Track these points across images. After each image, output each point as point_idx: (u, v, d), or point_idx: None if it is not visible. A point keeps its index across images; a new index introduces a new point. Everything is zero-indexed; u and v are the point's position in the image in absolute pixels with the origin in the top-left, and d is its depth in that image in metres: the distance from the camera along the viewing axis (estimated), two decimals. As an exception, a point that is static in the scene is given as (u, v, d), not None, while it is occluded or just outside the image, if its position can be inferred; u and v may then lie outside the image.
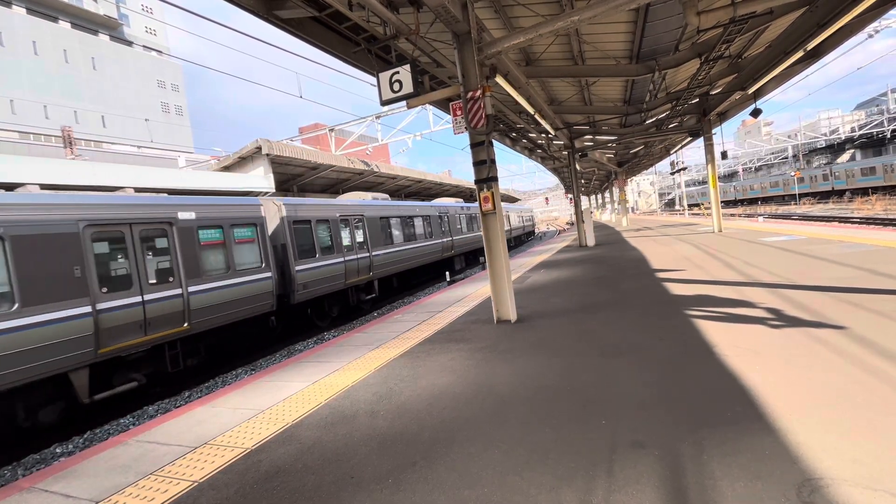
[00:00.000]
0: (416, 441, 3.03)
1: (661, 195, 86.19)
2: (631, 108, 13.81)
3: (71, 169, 11.71)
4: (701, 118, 15.61)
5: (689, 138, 19.31)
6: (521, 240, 37.10)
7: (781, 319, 4.71)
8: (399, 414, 3.52)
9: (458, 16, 5.74)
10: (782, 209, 38.97)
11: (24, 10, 39.49)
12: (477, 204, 14.09)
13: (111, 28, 48.19)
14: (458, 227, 21.39)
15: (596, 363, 4.13)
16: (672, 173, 37.98)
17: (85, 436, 5.92)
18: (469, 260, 23.17)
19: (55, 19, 41.91)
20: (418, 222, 16.83)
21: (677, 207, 62.33)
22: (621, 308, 6.23)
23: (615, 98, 13.83)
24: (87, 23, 45.56)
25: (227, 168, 17.05)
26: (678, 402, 3.10)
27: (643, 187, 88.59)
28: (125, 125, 44.71)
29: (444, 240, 19.01)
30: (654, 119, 16.21)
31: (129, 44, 48.62)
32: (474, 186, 6.41)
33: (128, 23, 50.42)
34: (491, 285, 6.40)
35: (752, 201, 53.77)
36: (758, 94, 13.01)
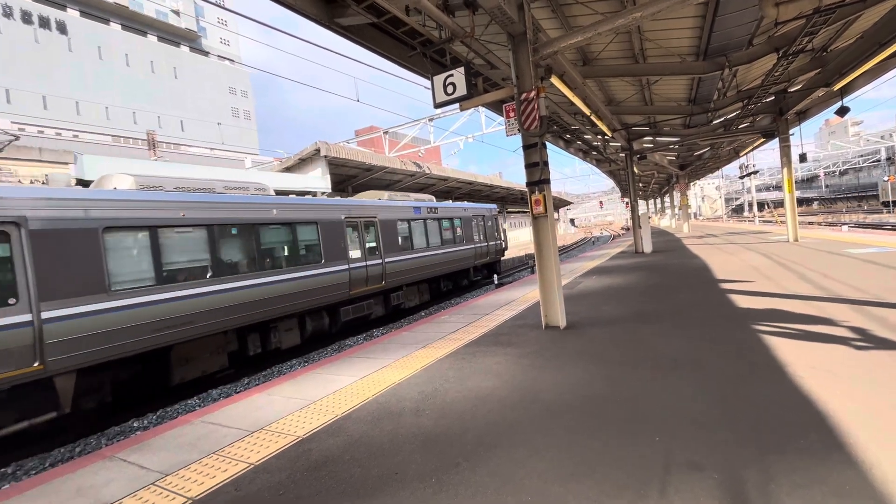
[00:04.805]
0: (460, 442, 3.03)
1: (727, 200, 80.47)
2: (696, 107, 13.01)
3: (157, 169, 12.93)
4: (776, 117, 14.40)
5: (763, 139, 17.88)
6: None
7: (867, 340, 4.23)
8: (443, 414, 3.54)
9: (513, 17, 5.69)
10: (871, 218, 35.04)
11: (120, 27, 44.00)
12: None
13: (191, 40, 52.52)
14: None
15: (649, 376, 3.92)
16: (741, 177, 35.41)
17: (157, 413, 6.48)
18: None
19: (144, 34, 46.35)
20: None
21: (746, 213, 57.91)
22: (679, 319, 5.88)
23: (679, 97, 13.09)
24: (171, 36, 49.99)
25: (288, 169, 18.02)
26: (742, 424, 2.87)
27: (707, 191, 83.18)
28: (200, 129, 48.52)
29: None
30: (721, 119, 15.17)
31: (206, 54, 52.80)
32: (524, 189, 6.32)
33: (205, 35, 54.72)
34: (540, 290, 6.28)
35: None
36: (845, 91, 11.78)
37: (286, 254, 8.84)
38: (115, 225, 6.18)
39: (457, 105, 6.60)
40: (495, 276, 16.88)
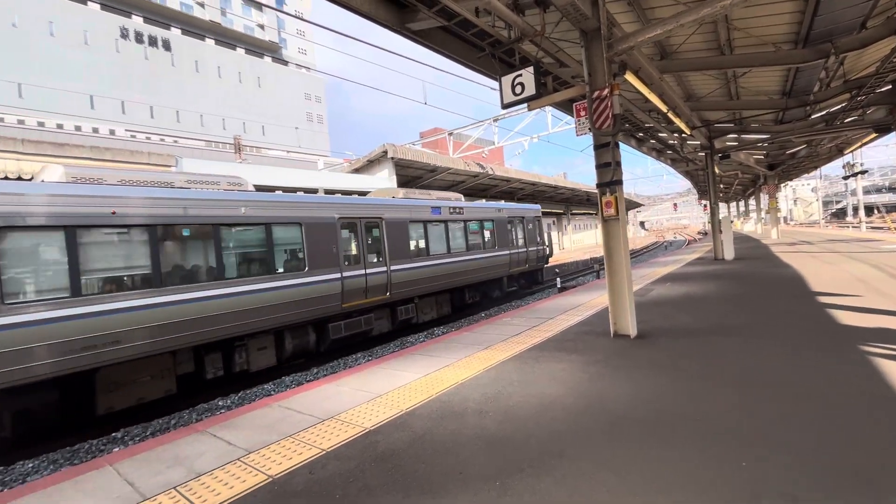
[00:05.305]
0: (524, 447, 2.98)
1: (825, 203, 71.71)
2: (792, 101, 11.74)
3: (242, 171, 14.11)
4: (893, 109, 12.60)
5: (875, 134, 15.74)
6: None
7: None
8: (507, 417, 3.51)
9: (587, 13, 5.51)
10: None
11: (213, 42, 48.62)
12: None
13: (273, 51, 56.75)
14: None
15: (730, 393, 3.61)
16: (845, 178, 31.45)
17: (239, 394, 7.06)
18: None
19: (234, 47, 50.83)
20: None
21: (850, 218, 51.21)
22: (766, 333, 5.35)
23: (771, 90, 11.89)
24: (256, 48, 54.37)
25: (357, 170, 18.84)
26: (849, 458, 2.55)
27: (801, 193, 74.74)
28: (279, 133, 52.31)
29: None
30: (823, 113, 13.56)
31: (286, 63, 56.76)
32: (590, 190, 6.08)
33: (285, 45, 58.88)
34: (609, 296, 6.01)
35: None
36: None
37: (256, 260, 7.52)
38: (13, 224, 5.09)
39: (523, 105, 6.51)
40: (558, 279, 16.43)
